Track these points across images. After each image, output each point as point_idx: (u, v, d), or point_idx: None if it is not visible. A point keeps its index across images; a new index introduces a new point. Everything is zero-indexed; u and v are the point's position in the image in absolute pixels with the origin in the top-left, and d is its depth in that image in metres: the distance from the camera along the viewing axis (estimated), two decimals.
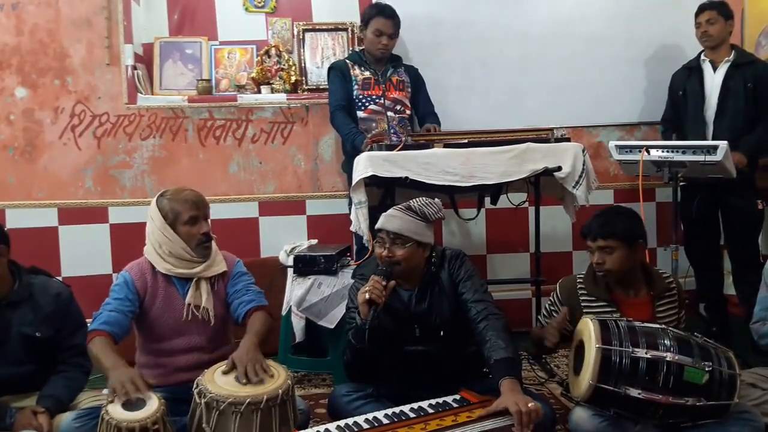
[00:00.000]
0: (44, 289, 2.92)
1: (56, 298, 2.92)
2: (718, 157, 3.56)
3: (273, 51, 4.71)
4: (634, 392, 2.56)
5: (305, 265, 3.89)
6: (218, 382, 2.58)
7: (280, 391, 2.54)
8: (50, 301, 2.89)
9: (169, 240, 2.92)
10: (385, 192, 3.85)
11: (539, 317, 3.20)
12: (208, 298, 2.98)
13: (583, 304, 3.01)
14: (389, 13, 4.26)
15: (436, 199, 2.93)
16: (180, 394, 2.73)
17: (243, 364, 2.61)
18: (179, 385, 2.85)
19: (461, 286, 2.88)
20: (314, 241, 4.48)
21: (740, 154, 3.94)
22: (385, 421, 2.45)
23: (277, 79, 4.71)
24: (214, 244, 3.05)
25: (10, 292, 2.83)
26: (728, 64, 4.18)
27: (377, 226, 2.90)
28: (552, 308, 3.11)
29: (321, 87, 4.71)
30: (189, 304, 2.95)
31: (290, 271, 3.97)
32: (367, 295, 2.69)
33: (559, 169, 3.70)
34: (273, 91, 4.70)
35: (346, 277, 3.83)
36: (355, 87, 4.27)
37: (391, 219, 2.85)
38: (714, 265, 4.41)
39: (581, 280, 3.06)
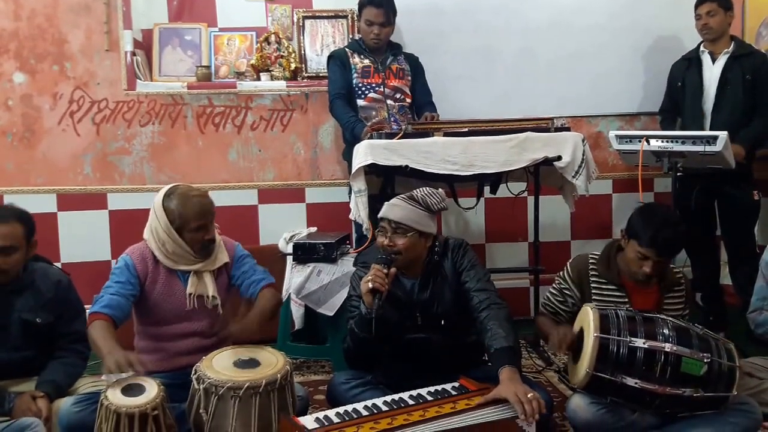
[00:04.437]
0: (45, 275, 2.94)
1: (57, 285, 2.93)
2: (717, 147, 3.56)
3: (273, 38, 4.69)
4: (631, 381, 2.57)
5: (305, 253, 3.90)
6: (216, 367, 2.59)
7: (278, 375, 2.55)
8: (51, 288, 2.91)
9: (173, 242, 2.91)
10: (385, 180, 3.85)
11: (546, 302, 3.18)
12: (214, 288, 2.98)
13: (593, 285, 3.01)
14: (378, 2, 4.21)
15: (440, 190, 2.92)
16: (179, 380, 2.75)
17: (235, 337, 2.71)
18: (179, 371, 2.86)
19: (464, 275, 2.88)
20: (313, 229, 4.48)
21: (739, 147, 3.94)
22: (384, 408, 2.45)
23: (277, 66, 4.70)
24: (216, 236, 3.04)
25: (14, 278, 2.84)
26: (727, 56, 4.17)
27: (380, 214, 2.89)
28: (563, 286, 3.09)
29: (321, 74, 4.71)
30: (191, 294, 2.94)
31: (289, 258, 3.98)
32: (370, 284, 2.69)
33: (559, 158, 3.71)
34: (272, 78, 4.69)
35: (345, 265, 3.84)
36: (355, 75, 4.26)
37: (393, 208, 2.84)
38: (710, 255, 4.42)
39: (594, 262, 3.04)
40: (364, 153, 3.61)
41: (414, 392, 2.57)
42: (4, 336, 2.80)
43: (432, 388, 2.60)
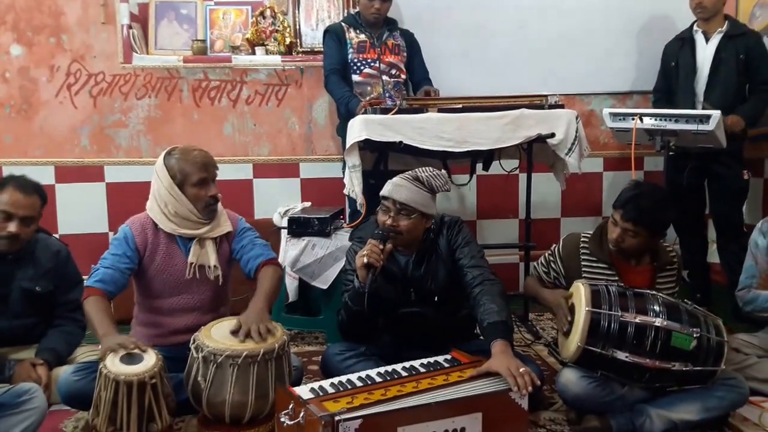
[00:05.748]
0: (45, 246, 3.00)
1: (56, 255, 3.00)
2: (710, 126, 3.55)
3: (268, 12, 4.69)
4: (621, 355, 2.61)
5: (299, 227, 3.92)
6: (215, 336, 2.63)
7: (276, 345, 2.59)
8: (50, 258, 2.97)
9: (176, 200, 2.88)
10: (378, 156, 3.87)
11: (535, 265, 3.22)
12: (216, 257, 2.98)
13: (583, 263, 3.02)
14: None
15: (443, 171, 2.93)
16: (178, 354, 2.76)
17: (248, 325, 2.64)
18: (177, 346, 2.86)
19: (458, 252, 2.91)
20: (308, 204, 4.51)
21: (738, 117, 3.94)
22: (378, 379, 2.49)
23: (272, 40, 4.70)
24: (219, 204, 3.02)
25: (18, 248, 2.89)
26: (721, 35, 4.15)
27: (383, 193, 2.88)
28: (550, 259, 3.13)
29: (316, 49, 4.70)
30: (192, 264, 2.93)
31: (284, 232, 4.01)
32: (365, 259, 2.71)
33: (553, 135, 3.73)
34: (267, 52, 4.69)
35: (339, 239, 3.87)
36: (351, 50, 4.27)
37: (399, 189, 2.83)
38: (698, 233, 4.44)
39: (585, 240, 3.06)
40: (359, 128, 3.62)
41: (407, 364, 2.61)
42: (4, 304, 2.86)
43: (425, 360, 2.64)
